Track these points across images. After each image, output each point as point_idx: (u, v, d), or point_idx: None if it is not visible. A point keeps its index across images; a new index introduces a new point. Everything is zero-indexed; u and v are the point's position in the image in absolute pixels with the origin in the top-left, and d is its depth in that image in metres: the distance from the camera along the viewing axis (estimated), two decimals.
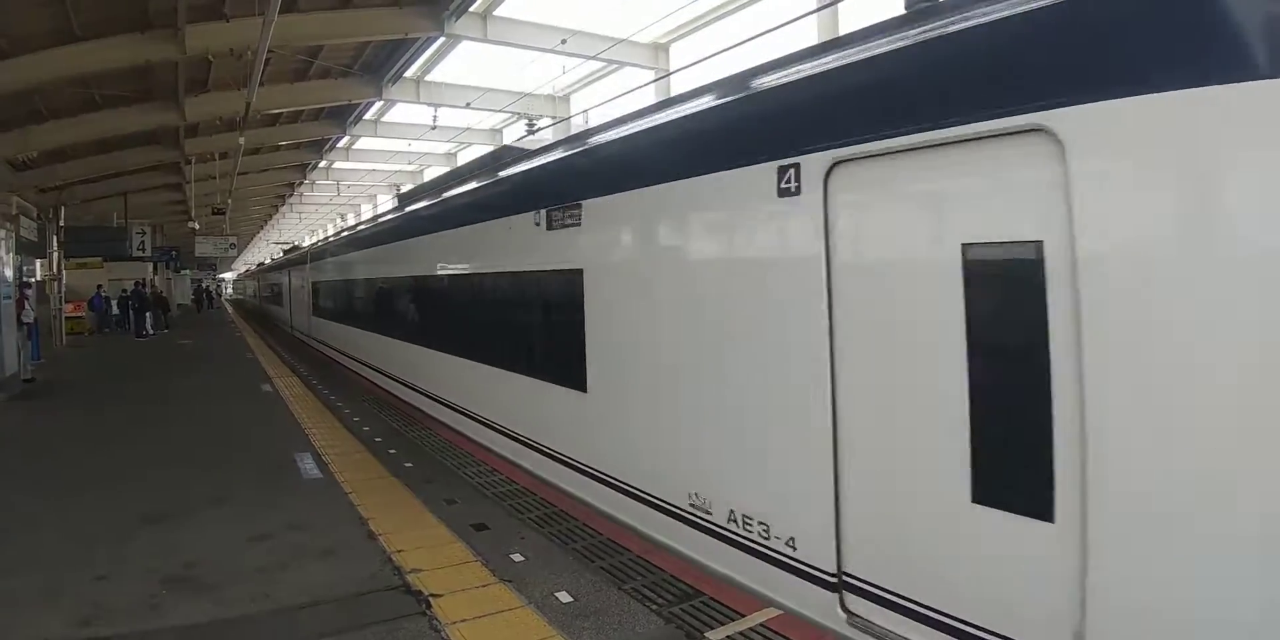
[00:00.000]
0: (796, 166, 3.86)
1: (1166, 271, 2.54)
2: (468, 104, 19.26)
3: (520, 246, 6.92)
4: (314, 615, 4.07)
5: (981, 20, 3.14)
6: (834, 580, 3.70)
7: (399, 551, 4.93)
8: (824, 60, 4.03)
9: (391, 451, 7.91)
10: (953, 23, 3.29)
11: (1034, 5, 2.93)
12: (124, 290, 27.09)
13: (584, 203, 5.79)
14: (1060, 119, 2.74)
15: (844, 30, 5.68)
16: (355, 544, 5.13)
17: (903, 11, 3.82)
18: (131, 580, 4.56)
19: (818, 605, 3.79)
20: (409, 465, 7.31)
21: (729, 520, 4.38)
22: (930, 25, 3.42)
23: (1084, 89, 2.69)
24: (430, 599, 4.20)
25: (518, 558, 4.81)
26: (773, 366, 4.08)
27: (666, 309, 4.98)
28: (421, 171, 31.58)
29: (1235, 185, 2.48)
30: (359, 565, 4.73)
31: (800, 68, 4.19)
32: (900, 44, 3.53)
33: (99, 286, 26.87)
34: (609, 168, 5.87)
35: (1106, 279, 2.65)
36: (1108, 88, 2.63)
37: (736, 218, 4.40)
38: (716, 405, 4.50)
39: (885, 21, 3.82)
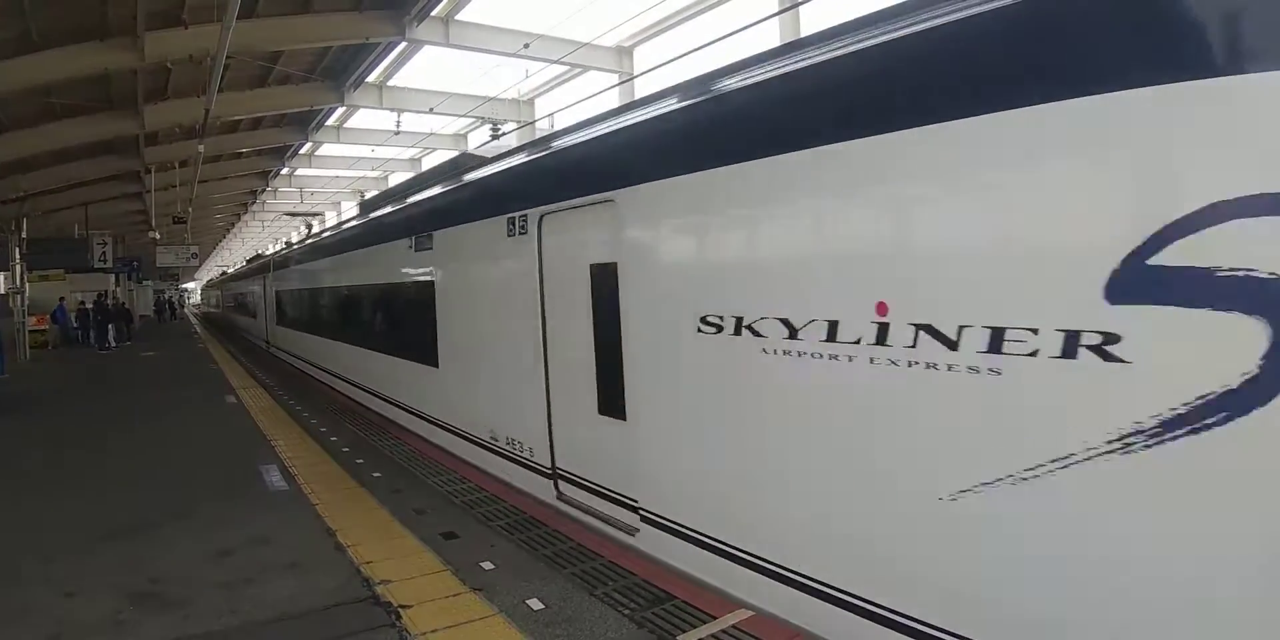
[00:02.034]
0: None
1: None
2: (431, 109, 19.13)
3: None
4: (282, 630, 4.02)
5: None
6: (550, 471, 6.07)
7: (368, 563, 4.88)
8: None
9: (359, 461, 7.83)
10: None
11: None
12: (81, 302, 26.57)
13: None
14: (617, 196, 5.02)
15: (806, 32, 5.69)
16: (323, 556, 5.07)
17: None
18: (98, 596, 4.49)
19: (542, 487, 6.26)
20: (377, 475, 7.24)
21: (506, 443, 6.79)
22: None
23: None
24: (400, 610, 4.16)
25: (488, 566, 4.79)
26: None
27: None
28: (386, 177, 31.31)
29: None
30: (327, 578, 4.67)
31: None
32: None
33: (61, 299, 26.38)
34: None
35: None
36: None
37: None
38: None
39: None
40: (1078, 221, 2.76)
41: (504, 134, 17.34)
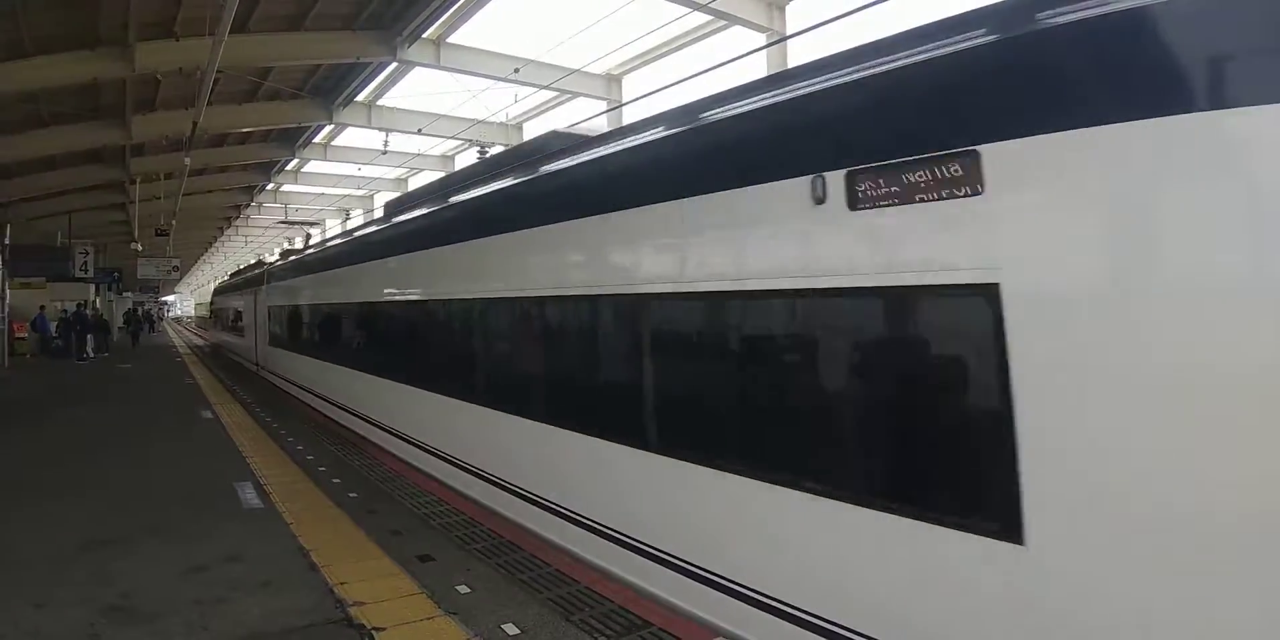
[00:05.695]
0: None
1: None
2: (419, 130, 19.20)
3: None
4: None
5: None
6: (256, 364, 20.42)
7: (341, 584, 4.83)
8: None
9: (335, 481, 7.77)
10: None
11: None
12: (63, 311, 26.34)
13: None
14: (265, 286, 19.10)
15: (792, 65, 5.78)
16: (296, 575, 5.01)
17: None
18: (70, 609, 4.43)
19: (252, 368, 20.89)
20: (353, 495, 7.18)
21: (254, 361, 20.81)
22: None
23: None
24: (373, 632, 4.12)
25: (464, 589, 4.75)
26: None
27: None
28: (371, 196, 31.28)
29: None
30: (300, 597, 4.62)
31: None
32: None
33: (41, 307, 26.11)
34: None
35: None
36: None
37: None
38: None
39: None
40: None
41: (491, 157, 17.42)
